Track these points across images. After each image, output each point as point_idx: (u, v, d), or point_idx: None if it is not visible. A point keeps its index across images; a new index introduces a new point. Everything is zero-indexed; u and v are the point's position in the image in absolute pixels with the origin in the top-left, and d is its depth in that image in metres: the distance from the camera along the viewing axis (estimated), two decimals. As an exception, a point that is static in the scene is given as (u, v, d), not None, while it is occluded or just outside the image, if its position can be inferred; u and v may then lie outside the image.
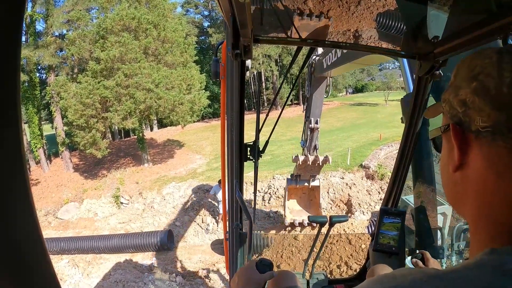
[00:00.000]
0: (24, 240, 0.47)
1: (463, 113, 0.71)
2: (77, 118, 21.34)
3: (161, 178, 21.87)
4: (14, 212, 0.45)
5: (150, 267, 12.69)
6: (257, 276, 1.51)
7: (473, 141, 0.70)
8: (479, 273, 0.58)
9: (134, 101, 21.60)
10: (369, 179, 17.41)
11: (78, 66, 27.19)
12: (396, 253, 2.53)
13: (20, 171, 0.45)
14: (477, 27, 1.53)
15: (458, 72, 0.76)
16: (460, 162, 0.72)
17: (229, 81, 2.62)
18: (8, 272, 0.45)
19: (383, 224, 2.60)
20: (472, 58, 0.73)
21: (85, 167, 27.37)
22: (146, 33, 22.49)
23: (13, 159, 0.43)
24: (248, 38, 1.79)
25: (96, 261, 13.19)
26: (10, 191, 0.44)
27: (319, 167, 11.23)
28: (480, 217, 0.70)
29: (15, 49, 0.42)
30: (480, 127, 0.67)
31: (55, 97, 25.32)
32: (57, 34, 27.42)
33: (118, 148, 32.06)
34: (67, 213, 18.50)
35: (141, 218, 17.22)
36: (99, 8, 27.21)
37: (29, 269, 0.48)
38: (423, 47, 2.03)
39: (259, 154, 2.66)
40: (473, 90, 0.69)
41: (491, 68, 0.67)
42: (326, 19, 2.08)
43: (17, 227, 0.46)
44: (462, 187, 0.74)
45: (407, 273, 0.65)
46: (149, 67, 21.89)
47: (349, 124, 33.08)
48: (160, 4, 24.13)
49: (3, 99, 0.41)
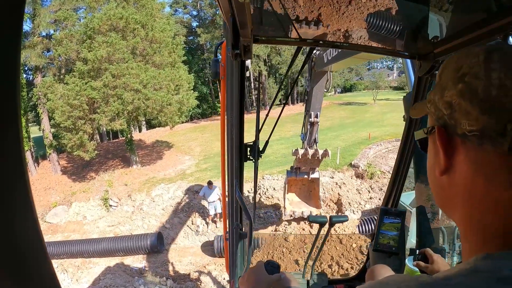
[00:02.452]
0: (24, 240, 0.47)
1: (449, 115, 0.69)
2: (64, 120, 21.09)
3: (150, 180, 21.80)
4: (14, 212, 0.45)
5: (140, 270, 12.64)
6: (266, 278, 1.52)
7: (460, 145, 0.68)
8: (475, 280, 0.57)
9: (122, 102, 21.42)
10: (359, 178, 17.56)
11: (65, 67, 26.86)
12: (396, 253, 2.56)
13: (20, 171, 0.45)
14: (477, 27, 1.54)
15: (443, 71, 0.74)
16: (446, 166, 0.71)
17: (229, 81, 2.63)
18: (8, 272, 0.44)
19: (383, 224, 2.61)
20: (459, 57, 0.71)
21: (73, 169, 27.07)
22: (134, 33, 22.33)
23: (13, 159, 0.43)
24: (248, 38, 1.82)
25: (85, 266, 13.07)
26: (10, 191, 0.43)
27: (319, 161, 11.26)
28: (471, 222, 0.69)
29: (15, 49, 0.42)
30: (466, 131, 0.65)
31: (42, 99, 24.98)
32: (44, 34, 27.12)
33: (106, 149, 31.78)
34: (56, 216, 18.33)
35: (130, 221, 17.11)
36: (86, 8, 26.88)
37: (29, 269, 0.48)
38: (423, 47, 2.04)
39: (259, 154, 2.67)
40: (459, 92, 0.66)
41: (478, 68, 0.64)
42: (326, 19, 2.07)
43: (17, 227, 0.45)
44: (449, 191, 0.73)
45: (399, 280, 0.63)
46: (137, 68, 21.73)
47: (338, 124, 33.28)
48: (148, 4, 23.98)
49: (3, 99, 0.41)
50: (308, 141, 10.74)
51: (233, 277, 3.12)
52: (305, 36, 2.13)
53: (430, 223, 3.73)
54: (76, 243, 13.83)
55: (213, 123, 40.86)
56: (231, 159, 2.73)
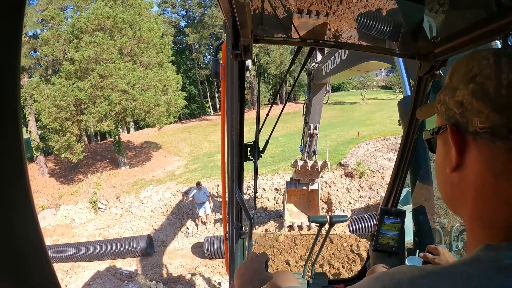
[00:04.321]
0: (24, 240, 0.47)
1: (460, 114, 0.71)
2: (51, 121, 20.88)
3: (139, 181, 21.73)
4: (14, 212, 0.45)
5: (130, 274, 12.57)
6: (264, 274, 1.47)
7: (471, 142, 0.70)
8: (476, 269, 0.60)
9: (109, 103, 21.30)
10: (348, 177, 17.66)
11: (52, 67, 26.72)
12: (396, 253, 2.57)
13: (20, 171, 0.45)
14: (477, 27, 1.54)
15: (454, 73, 0.76)
16: (458, 163, 0.73)
17: (229, 81, 2.61)
18: (8, 272, 0.45)
19: (383, 224, 2.63)
20: (469, 59, 0.73)
21: (61, 171, 26.87)
22: (121, 33, 22.22)
23: (12, 159, 0.44)
24: (248, 38, 1.81)
25: (75, 270, 12.98)
26: (10, 191, 0.44)
27: (318, 172, 11.31)
28: (478, 217, 0.71)
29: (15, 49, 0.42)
30: (478, 128, 0.67)
31: (28, 100, 24.64)
32: (30, 34, 26.88)
33: (94, 151, 31.60)
34: (44, 220, 18.14)
35: (119, 223, 17.04)
36: (73, 7, 26.56)
37: (29, 269, 0.48)
38: (423, 47, 2.04)
39: (259, 154, 2.68)
40: (470, 92, 0.69)
41: (489, 69, 0.67)
42: (326, 19, 2.07)
43: (17, 227, 0.45)
44: (459, 188, 0.75)
45: (406, 270, 0.66)
46: (125, 68, 21.64)
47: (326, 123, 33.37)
48: (136, 3, 23.88)
49: (3, 99, 0.42)
50: (307, 152, 10.71)
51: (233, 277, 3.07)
52: (306, 36, 2.13)
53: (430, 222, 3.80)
54: (65, 247, 13.73)
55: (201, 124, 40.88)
56: (231, 159, 2.74)
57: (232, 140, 2.62)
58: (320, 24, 2.09)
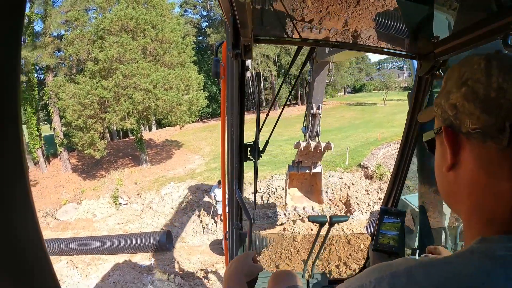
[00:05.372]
0: (24, 240, 0.47)
1: (454, 116, 0.76)
2: (75, 119, 21.32)
3: (160, 179, 21.87)
4: (14, 212, 0.45)
5: (149, 267, 12.68)
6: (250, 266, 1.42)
7: (464, 142, 0.75)
8: (469, 260, 0.64)
9: (132, 102, 21.60)
10: (368, 179, 17.45)
11: (76, 67, 27.03)
12: (396, 253, 2.53)
13: (20, 171, 0.45)
14: (477, 27, 1.55)
15: (448, 78, 0.81)
16: (453, 162, 0.77)
17: (229, 81, 2.61)
18: (8, 272, 0.45)
19: (383, 224, 2.60)
20: (462, 65, 0.78)
21: (84, 167, 27.33)
22: (144, 34, 22.46)
23: (13, 159, 0.43)
24: (249, 38, 1.80)
25: (95, 262, 13.16)
26: (10, 191, 0.44)
27: (321, 154, 11.04)
28: (473, 213, 0.75)
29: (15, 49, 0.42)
30: (470, 129, 0.72)
31: (53, 98, 25.17)
32: (55, 34, 27.30)
33: (117, 148, 32.03)
34: (66, 214, 18.50)
35: (139, 219, 17.20)
36: (97, 9, 27.00)
37: (29, 269, 0.48)
38: (423, 47, 2.04)
39: (259, 154, 2.68)
40: (463, 95, 0.73)
41: (480, 74, 0.72)
42: (327, 19, 2.08)
43: (17, 227, 0.46)
44: (456, 186, 0.79)
45: (403, 262, 0.70)
46: (148, 68, 21.88)
47: (347, 124, 33.12)
48: (158, 4, 24.07)
49: (3, 99, 0.41)
50: (309, 133, 10.45)
51: None
52: (306, 36, 2.14)
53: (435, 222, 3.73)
54: (86, 240, 13.94)
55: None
56: (231, 159, 2.73)
57: (232, 140, 2.62)
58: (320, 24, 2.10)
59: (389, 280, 0.66)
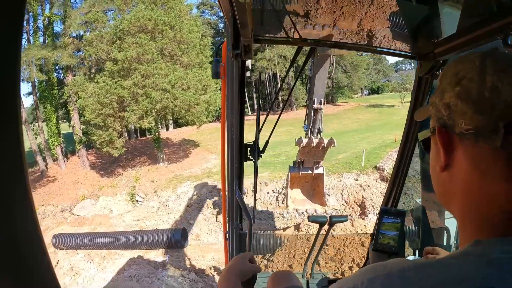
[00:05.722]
0: (24, 240, 0.47)
1: (448, 116, 0.74)
2: (94, 117, 21.75)
3: (176, 177, 22.06)
4: (14, 212, 0.45)
5: (163, 263, 12.86)
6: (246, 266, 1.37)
7: (458, 142, 0.73)
8: (464, 262, 0.63)
9: (150, 101, 21.91)
10: (384, 181, 17.30)
11: (95, 67, 27.62)
12: (396, 253, 2.48)
13: (20, 171, 0.45)
14: (477, 27, 1.55)
15: (443, 76, 0.79)
16: (446, 162, 0.76)
17: (229, 81, 2.59)
18: (8, 272, 0.45)
19: (383, 224, 2.56)
20: (457, 63, 0.76)
21: (101, 165, 27.82)
22: (162, 34, 22.78)
23: (13, 159, 0.44)
24: (249, 38, 1.81)
25: (111, 257, 13.41)
26: (10, 191, 0.44)
27: (324, 151, 10.43)
28: (467, 213, 0.74)
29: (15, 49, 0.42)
30: (463, 129, 0.70)
31: (72, 97, 25.79)
32: (74, 35, 27.84)
33: (134, 147, 32.44)
34: (83, 209, 18.80)
35: (155, 216, 17.39)
36: (115, 10, 27.58)
37: (29, 269, 0.48)
38: (423, 48, 2.05)
39: (259, 154, 2.69)
40: (456, 94, 0.71)
41: (474, 73, 0.70)
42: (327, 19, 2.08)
43: (17, 227, 0.45)
44: (449, 186, 0.78)
45: (397, 263, 0.69)
46: (166, 68, 22.18)
47: (364, 126, 32.90)
48: (176, 6, 24.42)
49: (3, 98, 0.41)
50: (311, 130, 9.97)
51: None
52: (306, 36, 2.15)
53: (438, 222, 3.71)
54: (103, 235, 14.19)
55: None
56: (231, 159, 2.74)
57: (232, 140, 2.62)
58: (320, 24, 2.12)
59: (382, 281, 0.65)
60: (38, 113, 28.88)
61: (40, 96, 27.30)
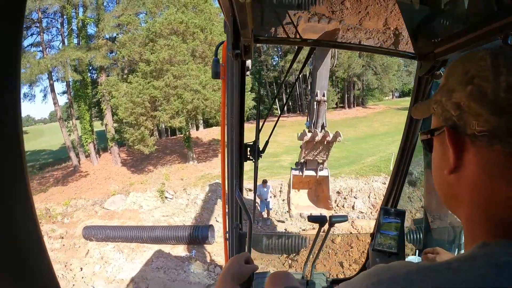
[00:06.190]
0: (24, 240, 0.47)
1: (458, 116, 0.70)
2: (127, 116, 22.40)
3: (205, 176, 22.24)
4: (14, 212, 0.45)
5: (190, 257, 13.14)
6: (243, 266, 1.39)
7: (469, 144, 0.69)
8: (471, 265, 0.60)
9: (182, 101, 22.33)
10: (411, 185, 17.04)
11: (128, 67, 28.34)
12: (396, 253, 2.53)
13: (20, 171, 0.45)
14: (477, 27, 1.54)
15: (450, 74, 0.75)
16: (456, 165, 0.72)
17: (229, 81, 2.54)
18: (8, 272, 0.45)
19: (382, 224, 2.59)
20: (466, 60, 0.72)
21: (133, 162, 28.51)
22: (193, 37, 23.20)
23: (13, 159, 0.44)
24: (249, 38, 1.80)
25: (140, 249, 13.77)
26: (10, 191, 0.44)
27: (329, 147, 9.96)
28: (475, 216, 0.71)
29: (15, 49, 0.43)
30: (476, 131, 0.66)
31: (106, 96, 26.66)
32: (107, 37, 28.70)
33: (165, 145, 33.05)
34: (114, 204, 19.24)
35: (184, 213, 17.67)
36: (147, 13, 28.31)
37: (29, 269, 0.49)
38: (423, 47, 2.08)
39: (259, 154, 2.72)
40: (468, 94, 0.67)
41: (487, 71, 0.66)
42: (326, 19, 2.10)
43: (17, 227, 0.46)
44: (457, 189, 0.74)
45: (402, 265, 0.66)
46: (197, 69, 22.57)
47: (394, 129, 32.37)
48: (207, 9, 24.88)
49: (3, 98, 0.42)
50: (315, 124, 9.48)
51: None
52: (306, 36, 2.17)
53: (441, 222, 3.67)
54: (131, 229, 14.58)
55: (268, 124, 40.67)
56: (231, 159, 2.71)
57: (232, 140, 2.61)
58: (320, 24, 2.13)
59: (387, 285, 0.63)
60: (72, 111, 29.98)
61: (75, 95, 28.33)
